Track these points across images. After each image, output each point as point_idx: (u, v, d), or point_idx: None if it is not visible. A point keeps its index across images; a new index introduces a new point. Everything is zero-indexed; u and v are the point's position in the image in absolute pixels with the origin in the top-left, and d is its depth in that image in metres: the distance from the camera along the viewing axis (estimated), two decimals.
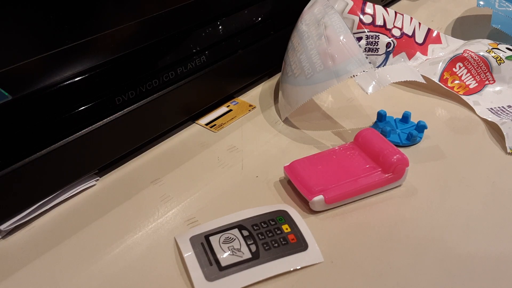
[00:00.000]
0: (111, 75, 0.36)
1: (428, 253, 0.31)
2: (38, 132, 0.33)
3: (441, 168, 0.38)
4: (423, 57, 0.53)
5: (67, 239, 0.34)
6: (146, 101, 0.39)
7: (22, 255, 0.33)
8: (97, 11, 0.37)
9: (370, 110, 0.46)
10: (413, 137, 0.40)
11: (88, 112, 0.36)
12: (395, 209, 0.35)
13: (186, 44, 0.41)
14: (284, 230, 0.32)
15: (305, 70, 0.41)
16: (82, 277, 0.31)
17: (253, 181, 0.38)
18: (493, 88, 0.47)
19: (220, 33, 0.44)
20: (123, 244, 0.33)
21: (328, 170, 0.36)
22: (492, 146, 0.41)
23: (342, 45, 0.39)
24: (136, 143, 0.41)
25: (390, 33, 0.51)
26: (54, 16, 0.34)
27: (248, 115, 0.47)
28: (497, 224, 0.33)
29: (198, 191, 0.38)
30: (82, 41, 0.35)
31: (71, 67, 0.34)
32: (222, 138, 0.44)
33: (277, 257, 0.30)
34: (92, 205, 0.37)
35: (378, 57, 0.51)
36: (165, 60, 0.40)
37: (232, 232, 0.32)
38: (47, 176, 0.35)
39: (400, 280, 0.29)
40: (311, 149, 0.41)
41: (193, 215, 0.35)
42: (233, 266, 0.30)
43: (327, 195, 0.34)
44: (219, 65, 0.45)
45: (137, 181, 0.39)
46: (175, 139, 0.44)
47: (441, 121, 0.44)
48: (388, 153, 0.36)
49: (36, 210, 0.35)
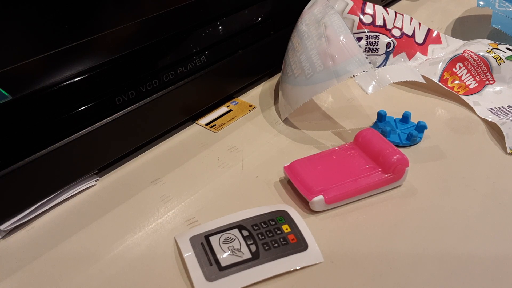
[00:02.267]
0: (111, 75, 0.36)
1: (428, 253, 0.31)
2: (38, 132, 0.33)
3: (441, 168, 0.38)
4: (423, 57, 0.53)
5: (67, 239, 0.34)
6: (146, 101, 0.39)
7: (22, 255, 0.33)
8: (97, 11, 0.37)
9: (370, 110, 0.46)
10: (413, 137, 0.40)
11: (88, 112, 0.36)
12: (395, 209, 0.35)
13: (186, 44, 0.41)
14: (284, 230, 0.32)
15: (305, 70, 0.41)
16: (82, 277, 0.31)
17: (253, 181, 0.38)
18: (493, 88, 0.47)
19: (220, 33, 0.44)
20: (123, 244, 0.33)
21: (328, 170, 0.36)
22: (492, 146, 0.41)
23: (342, 45, 0.39)
24: (136, 143, 0.41)
25: (390, 33, 0.51)
26: (54, 16, 0.34)
27: (248, 115, 0.47)
28: (497, 224, 0.33)
29: (198, 191, 0.38)
30: (82, 41, 0.35)
31: (71, 67, 0.34)
32: (222, 138, 0.44)
33: (277, 257, 0.30)
34: (92, 205, 0.37)
35: (378, 57, 0.51)
36: (165, 60, 0.40)
37: (232, 232, 0.32)
38: (47, 176, 0.35)
39: (400, 280, 0.29)
40: (311, 149, 0.41)
41: (193, 215, 0.35)
42: (233, 266, 0.30)
43: (327, 195, 0.34)
44: (219, 65, 0.45)
45: (137, 181, 0.39)
46: (175, 139, 0.44)
47: (441, 121, 0.44)
48: (388, 153, 0.36)
49: (36, 210, 0.35)
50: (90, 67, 0.35)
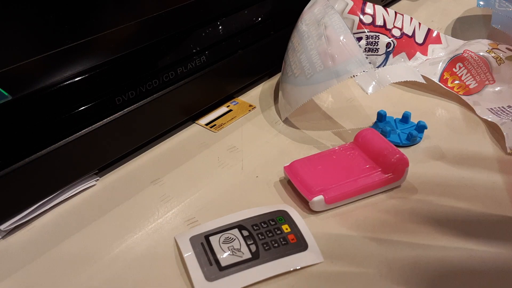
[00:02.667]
0: (111, 75, 0.36)
1: (428, 253, 0.31)
2: (38, 132, 0.33)
3: (441, 168, 0.38)
4: (423, 57, 0.52)
5: (67, 239, 0.34)
6: (146, 101, 0.39)
7: (22, 255, 0.33)
8: (97, 11, 0.37)
9: (370, 110, 0.46)
10: (413, 137, 0.40)
11: (88, 112, 0.36)
12: (395, 209, 0.35)
13: (186, 44, 0.41)
14: (284, 230, 0.32)
15: (305, 70, 0.41)
16: (82, 277, 0.31)
17: (253, 181, 0.38)
18: (493, 88, 0.47)
19: (220, 33, 0.44)
20: (123, 244, 0.33)
21: (328, 170, 0.36)
22: (492, 146, 0.41)
23: (342, 45, 0.39)
24: (136, 143, 0.41)
25: (390, 33, 0.51)
26: (54, 16, 0.34)
27: (248, 115, 0.47)
28: (497, 224, 0.33)
29: (198, 191, 0.38)
30: (82, 41, 0.35)
31: (71, 67, 0.34)
32: (222, 138, 0.44)
33: (277, 257, 0.30)
34: (92, 205, 0.37)
35: (378, 57, 0.51)
36: (165, 60, 0.40)
37: (232, 232, 0.32)
38: (47, 176, 0.35)
39: (400, 280, 0.29)
40: (311, 149, 0.41)
41: (193, 215, 0.35)
42: (233, 266, 0.30)
43: (327, 195, 0.34)
44: (219, 65, 0.45)
45: (137, 181, 0.39)
46: (175, 139, 0.44)
47: (441, 121, 0.44)
48: (388, 153, 0.36)
49: (36, 210, 0.35)
50: (90, 67, 0.35)
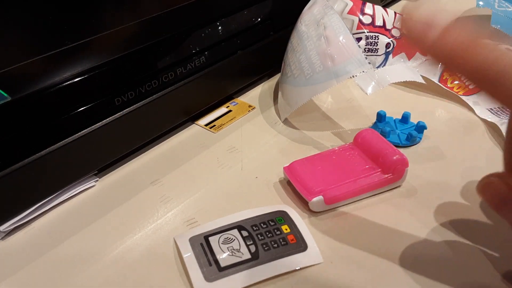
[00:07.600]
0: (111, 76, 0.36)
1: (428, 253, 0.31)
2: (38, 133, 0.33)
3: (441, 168, 0.38)
4: (423, 57, 0.52)
5: (67, 240, 0.34)
6: (146, 101, 0.39)
7: (21, 256, 0.33)
8: (97, 11, 0.37)
9: (369, 111, 0.46)
10: (412, 137, 0.40)
11: (87, 113, 0.36)
12: (395, 210, 0.35)
13: (185, 45, 0.41)
14: (284, 231, 0.32)
15: (304, 71, 0.41)
16: (82, 278, 0.31)
17: (252, 182, 0.38)
18: None
19: (220, 33, 0.44)
20: (123, 245, 0.33)
21: (327, 170, 0.36)
22: (492, 146, 0.41)
23: (341, 45, 0.39)
24: (136, 143, 0.41)
25: (390, 34, 0.51)
26: (54, 17, 0.34)
27: (247, 115, 0.47)
28: (497, 224, 0.33)
29: (198, 191, 0.37)
30: (81, 42, 0.35)
31: (70, 67, 0.34)
32: (221, 138, 0.43)
33: (276, 257, 0.30)
34: (91, 206, 0.37)
35: (378, 58, 0.51)
36: (164, 60, 0.40)
37: (231, 232, 0.32)
38: (46, 177, 0.35)
39: (400, 281, 0.29)
40: (310, 149, 0.41)
41: (193, 216, 0.35)
42: (232, 266, 0.30)
43: (326, 195, 0.34)
44: (219, 65, 0.45)
45: (137, 182, 0.39)
46: (175, 139, 0.44)
47: (441, 121, 0.44)
48: (387, 154, 0.36)
49: (36, 211, 0.35)
50: (89, 68, 0.35)
